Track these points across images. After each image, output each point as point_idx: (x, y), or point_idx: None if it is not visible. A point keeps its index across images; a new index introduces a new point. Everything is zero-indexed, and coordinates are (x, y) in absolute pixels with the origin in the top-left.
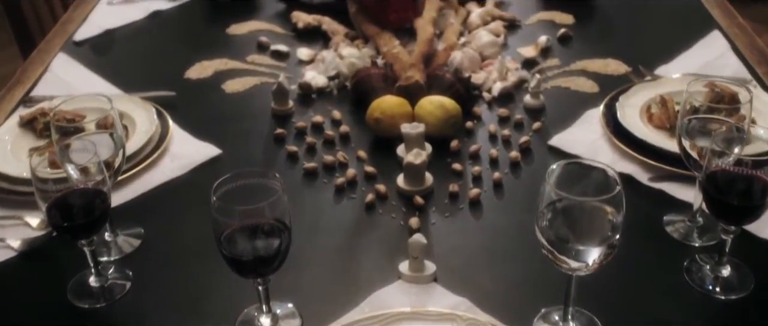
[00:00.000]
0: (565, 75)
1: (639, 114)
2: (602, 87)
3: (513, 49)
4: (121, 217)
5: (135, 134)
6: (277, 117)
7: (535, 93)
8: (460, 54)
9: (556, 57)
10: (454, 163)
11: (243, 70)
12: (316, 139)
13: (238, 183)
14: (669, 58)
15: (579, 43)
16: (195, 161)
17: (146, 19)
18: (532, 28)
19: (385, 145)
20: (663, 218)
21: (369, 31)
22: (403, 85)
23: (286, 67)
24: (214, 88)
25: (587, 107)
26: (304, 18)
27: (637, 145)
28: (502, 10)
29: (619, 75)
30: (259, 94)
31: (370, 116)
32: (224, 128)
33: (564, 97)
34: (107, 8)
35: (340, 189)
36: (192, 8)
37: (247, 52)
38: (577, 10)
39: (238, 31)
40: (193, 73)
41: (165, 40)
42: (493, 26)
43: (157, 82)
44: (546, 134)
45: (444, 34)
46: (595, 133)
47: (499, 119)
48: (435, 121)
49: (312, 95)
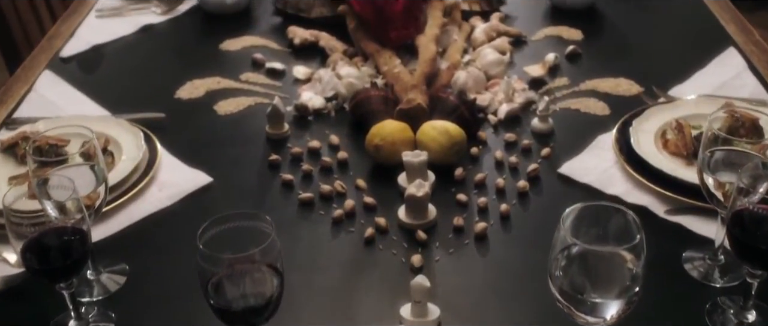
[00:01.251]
0: (574, 95)
1: (654, 139)
2: (614, 109)
3: (519, 68)
4: (105, 253)
5: (121, 161)
6: (272, 141)
7: (544, 116)
8: (465, 74)
9: (565, 76)
10: (459, 194)
11: (236, 89)
12: (313, 165)
13: (225, 226)
14: (683, 77)
15: (588, 60)
16: (184, 190)
17: (136, 33)
18: (539, 45)
19: (386, 173)
20: (681, 255)
21: (368, 49)
22: (405, 108)
23: (281, 86)
24: (205, 108)
25: (598, 131)
26: (301, 34)
27: (653, 174)
28: (507, 25)
29: (631, 96)
30: (253, 115)
31: (369, 142)
32: (216, 153)
33: (574, 120)
34: (96, 22)
35: (337, 221)
36: (184, 22)
37: (240, 70)
38: (585, 25)
39: (232, 46)
40: (184, 92)
41: (155, 57)
42: (498, 43)
43: (146, 102)
44: (555, 161)
45: (447, 51)
46: (608, 161)
47: (506, 144)
48: (438, 148)
49: (308, 117)
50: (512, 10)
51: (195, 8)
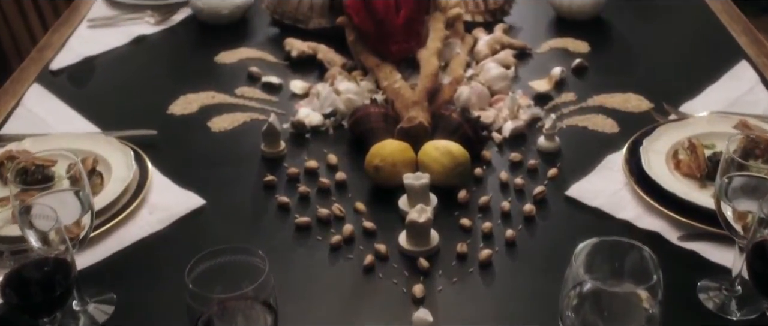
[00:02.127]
0: (581, 112)
1: (665, 160)
2: (623, 126)
3: (524, 82)
4: (92, 281)
5: (110, 182)
6: (267, 160)
7: (550, 135)
8: (468, 89)
9: (571, 91)
10: (462, 218)
11: (231, 104)
12: (310, 187)
13: (216, 261)
14: (694, 92)
15: (595, 74)
16: (176, 213)
17: (129, 45)
18: (544, 58)
19: (386, 196)
20: (696, 284)
21: (368, 62)
22: (406, 127)
23: (278, 101)
24: (199, 125)
25: (607, 150)
26: (298, 46)
27: (665, 197)
28: (511, 37)
29: (641, 112)
30: (248, 132)
31: (369, 164)
32: (209, 173)
33: (581, 138)
34: (87, 33)
35: (335, 247)
36: (178, 32)
37: (236, 84)
38: (591, 36)
39: (227, 59)
40: (177, 108)
41: (148, 69)
42: (502, 56)
43: (137, 118)
44: (563, 182)
45: (449, 65)
46: (617, 182)
47: (511, 164)
48: (441, 170)
49: (306, 134)
50: (516, 21)
51: (190, 18)
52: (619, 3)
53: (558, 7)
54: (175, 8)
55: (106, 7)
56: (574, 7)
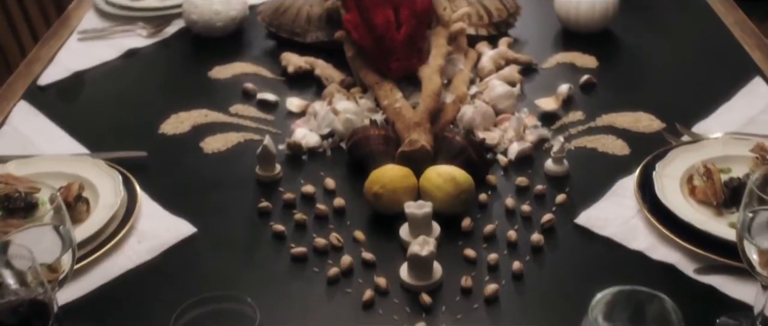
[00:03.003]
0: (590, 132)
1: (679, 185)
2: (634, 148)
3: (530, 100)
4: (76, 316)
5: (97, 208)
6: (262, 184)
7: (558, 158)
8: (472, 109)
9: (579, 109)
10: (467, 248)
11: (225, 123)
12: (307, 213)
13: (204, 309)
14: (707, 111)
15: (604, 91)
16: (166, 242)
17: (120, 58)
18: (551, 73)
19: (386, 223)
20: (715, 321)
21: (368, 80)
22: (407, 150)
23: (273, 120)
24: (191, 145)
25: (618, 174)
26: (295, 61)
27: (680, 227)
28: (516, 52)
29: (652, 132)
30: (243, 153)
31: (368, 190)
32: (201, 198)
33: (591, 161)
34: (77, 46)
35: (333, 280)
36: (171, 45)
37: (230, 101)
38: (599, 50)
39: (222, 74)
40: (169, 127)
41: (139, 85)
42: (507, 73)
43: (127, 138)
44: (572, 209)
45: (452, 82)
46: (630, 209)
47: (517, 189)
48: (444, 197)
49: (302, 156)
50: (521, 34)
51: (183, 30)
52: (628, 16)
53: (565, 19)
54: (169, 20)
55: (97, 19)
56: (582, 19)
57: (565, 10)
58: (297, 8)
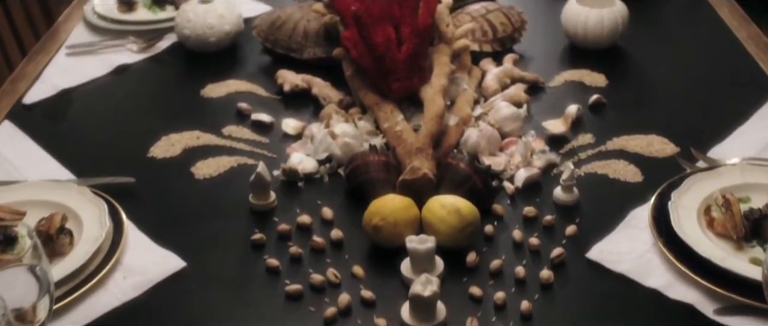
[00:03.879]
0: (600, 156)
1: (697, 216)
2: (646, 173)
3: (536, 121)
4: None
5: (81, 241)
6: (256, 213)
7: (568, 186)
8: (476, 133)
9: (589, 131)
10: (472, 286)
11: (217, 146)
12: (302, 246)
13: None
14: (723, 133)
15: (614, 111)
16: (153, 278)
17: (109, 75)
18: (559, 92)
19: (387, 257)
20: None
21: (367, 100)
22: (409, 179)
23: (268, 143)
24: (181, 170)
25: (631, 203)
26: (291, 79)
27: (698, 263)
28: (522, 69)
29: (665, 157)
30: (236, 179)
31: (368, 222)
32: (191, 229)
33: (601, 188)
34: (65, 61)
35: (330, 321)
36: (163, 61)
37: (223, 121)
38: (608, 68)
39: (215, 92)
40: (159, 150)
41: (129, 104)
42: (513, 92)
43: (115, 161)
44: (583, 242)
45: (456, 103)
46: (644, 243)
47: (525, 220)
48: (448, 230)
49: (298, 183)
50: (526, 49)
51: (176, 45)
52: (636, 30)
53: (572, 35)
54: (161, 34)
55: (86, 33)
56: (590, 35)
57: (572, 25)
58: (293, 23)
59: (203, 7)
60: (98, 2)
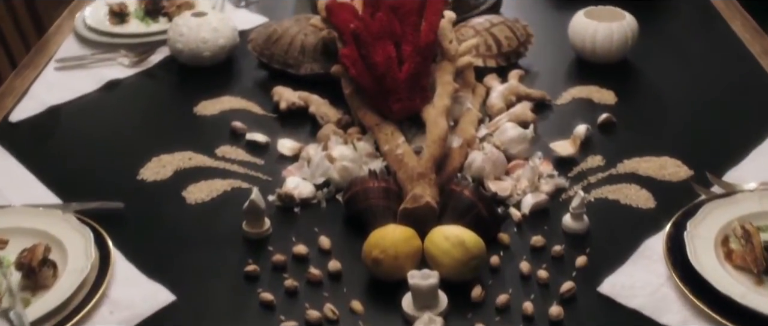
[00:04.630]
0: (611, 180)
1: (714, 247)
2: (659, 199)
3: (543, 141)
4: None
5: (65, 273)
6: (250, 242)
7: (578, 214)
8: (481, 156)
9: (598, 153)
10: (477, 323)
11: (210, 168)
12: (298, 278)
13: None
14: (738, 155)
15: (625, 131)
16: (141, 313)
17: (99, 91)
18: (566, 110)
19: (387, 292)
20: None
21: (367, 121)
22: (410, 207)
23: (263, 164)
24: (172, 194)
25: (644, 232)
26: (288, 96)
27: (717, 299)
28: (527, 85)
29: (679, 181)
30: (229, 204)
31: (367, 255)
32: (181, 259)
33: (613, 215)
34: (54, 76)
35: None
36: (155, 77)
37: (216, 141)
38: (618, 84)
39: (208, 109)
40: (149, 172)
41: (119, 123)
42: (519, 111)
43: (104, 184)
44: (594, 274)
45: (459, 123)
46: (659, 276)
47: (532, 250)
48: (452, 264)
49: (294, 208)
50: (532, 64)
51: (169, 59)
52: (647, 44)
53: (580, 49)
54: (153, 47)
55: (77, 46)
56: (598, 50)
57: (580, 40)
58: (290, 37)
59: (196, 20)
60: (89, 13)
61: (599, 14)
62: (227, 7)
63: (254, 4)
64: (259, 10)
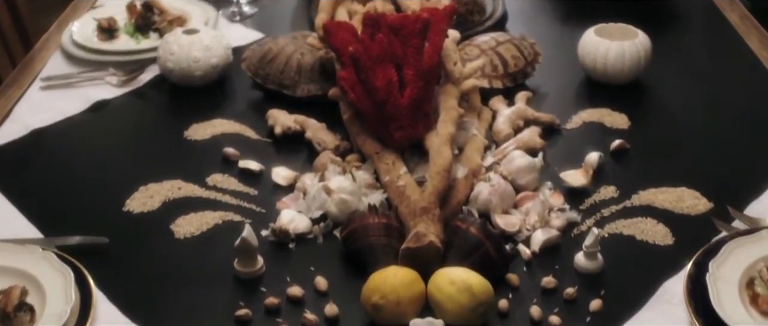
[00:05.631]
0: (625, 214)
1: (738, 290)
2: (678, 235)
3: (553, 169)
4: None
5: (43, 317)
6: (241, 282)
7: (592, 253)
8: (487, 188)
9: (612, 182)
10: None
11: (200, 199)
12: (293, 323)
13: None
14: (760, 184)
15: (638, 159)
16: None
17: (85, 113)
18: (576, 135)
19: None
20: None
21: (366, 148)
22: (413, 247)
23: (256, 195)
24: (160, 228)
25: (662, 272)
26: (283, 120)
27: None
28: (535, 107)
29: (698, 215)
30: (219, 240)
31: (367, 300)
32: (169, 300)
33: (628, 253)
34: (39, 96)
35: None
36: (145, 97)
37: (208, 168)
38: (630, 106)
39: (199, 133)
40: (136, 203)
41: (105, 148)
42: (527, 137)
43: (88, 216)
44: (610, 319)
45: (464, 151)
46: (680, 321)
47: (543, 292)
48: (458, 310)
49: (289, 244)
50: (540, 84)
51: (159, 78)
52: (660, 63)
53: (591, 69)
54: (143, 65)
55: (63, 63)
56: (610, 70)
57: (591, 59)
58: (286, 57)
59: (188, 38)
60: (77, 29)
61: (610, 32)
62: (221, 21)
63: (250, 18)
64: (255, 24)
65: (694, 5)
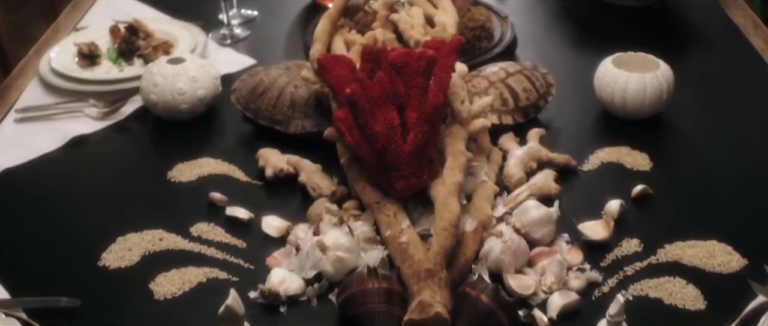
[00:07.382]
0: (651, 272)
1: None
2: (710, 297)
3: (569, 218)
4: None
5: None
6: None
7: (617, 322)
8: (499, 245)
9: (635, 235)
10: None
11: (183, 253)
12: None
13: None
14: None
15: (663, 206)
16: None
17: (62, 149)
18: (594, 178)
19: None
20: None
21: (366, 197)
22: (417, 319)
23: (245, 248)
24: (138, 286)
25: None
26: (275, 162)
27: None
28: (549, 146)
29: (731, 274)
30: (203, 301)
31: None
32: None
33: (656, 320)
34: (12, 129)
35: None
36: (127, 131)
37: (192, 217)
38: (651, 144)
39: (184, 175)
40: (112, 256)
41: (81, 191)
42: (541, 182)
43: (60, 272)
44: None
45: (473, 200)
46: None
47: None
48: None
49: (280, 308)
50: (554, 118)
51: (143, 110)
52: (683, 94)
53: (608, 103)
54: (126, 95)
55: (41, 92)
56: (629, 104)
57: (608, 93)
58: (278, 90)
59: (173, 68)
60: (55, 55)
61: (628, 62)
62: (211, 45)
63: (241, 41)
64: (247, 48)
65: (715, 29)
